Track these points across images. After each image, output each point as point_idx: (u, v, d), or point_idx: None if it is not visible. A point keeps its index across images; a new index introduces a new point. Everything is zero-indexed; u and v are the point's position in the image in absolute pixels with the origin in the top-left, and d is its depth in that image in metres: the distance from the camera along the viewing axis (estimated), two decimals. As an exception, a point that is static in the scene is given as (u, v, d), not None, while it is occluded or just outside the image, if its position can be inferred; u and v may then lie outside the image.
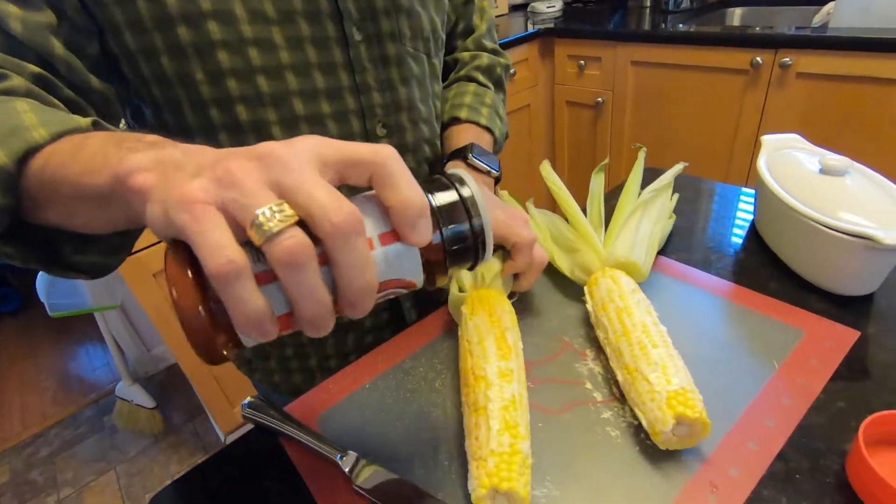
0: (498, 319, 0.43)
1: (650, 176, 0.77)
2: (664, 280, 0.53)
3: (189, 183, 0.21)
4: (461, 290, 0.50)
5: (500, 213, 0.47)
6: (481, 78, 0.66)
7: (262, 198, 0.21)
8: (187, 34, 0.41)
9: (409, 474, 0.38)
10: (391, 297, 0.27)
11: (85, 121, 0.31)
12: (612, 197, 0.72)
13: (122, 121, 0.49)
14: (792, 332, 0.45)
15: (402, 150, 0.55)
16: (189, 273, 0.22)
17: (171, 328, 1.28)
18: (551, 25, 1.78)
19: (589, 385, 0.43)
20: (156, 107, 0.45)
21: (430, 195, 0.27)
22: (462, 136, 0.59)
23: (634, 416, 0.39)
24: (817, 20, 1.37)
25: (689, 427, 0.35)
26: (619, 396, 0.41)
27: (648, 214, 0.54)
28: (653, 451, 0.37)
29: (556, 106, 1.94)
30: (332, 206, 0.21)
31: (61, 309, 1.39)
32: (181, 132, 0.46)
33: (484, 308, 0.45)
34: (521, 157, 1.95)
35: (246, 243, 0.21)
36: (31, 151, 0.28)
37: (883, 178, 0.49)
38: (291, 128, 0.47)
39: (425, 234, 0.25)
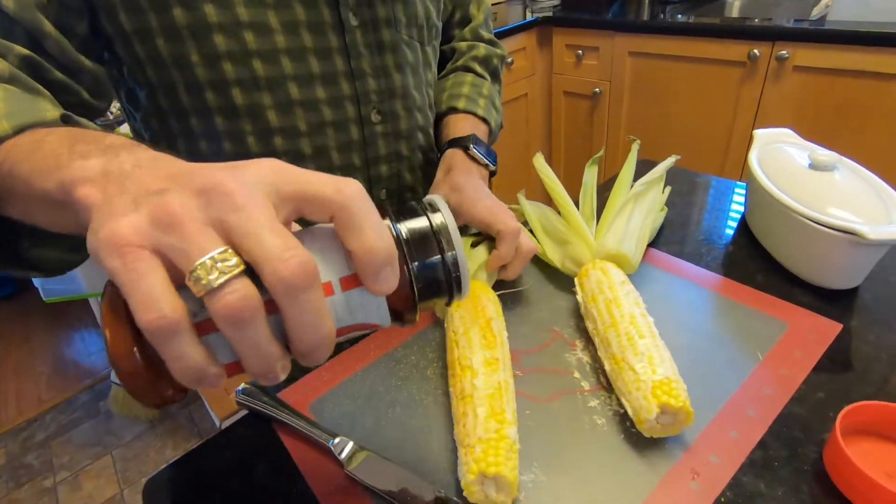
0: (482, 310, 0.44)
1: (644, 168, 0.77)
2: (654, 272, 0.54)
3: (122, 219, 0.19)
4: None
5: (487, 201, 0.47)
6: (478, 68, 0.66)
7: (203, 243, 0.19)
8: (183, 16, 0.40)
9: (400, 460, 0.38)
10: (356, 335, 0.25)
11: (53, 113, 0.29)
12: (605, 189, 0.72)
13: (116, 102, 0.49)
14: (777, 324, 0.46)
15: (397, 137, 0.56)
16: (124, 317, 0.19)
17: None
18: (550, 14, 1.77)
19: (577, 374, 0.44)
20: (150, 89, 0.44)
21: (397, 225, 0.25)
22: (460, 125, 0.59)
23: (620, 405, 0.40)
24: (815, 12, 1.36)
25: (673, 416, 0.36)
26: (606, 386, 0.42)
27: (640, 207, 0.55)
28: (637, 439, 0.38)
29: (554, 96, 1.93)
30: (282, 256, 0.19)
31: (56, 294, 1.39)
32: (176, 115, 0.46)
33: (468, 299, 0.45)
34: (517, 147, 1.94)
35: (183, 288, 0.19)
36: None
37: (871, 173, 0.50)
38: (286, 112, 0.47)
39: (390, 283, 0.22)
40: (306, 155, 0.50)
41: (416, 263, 0.24)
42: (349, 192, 0.21)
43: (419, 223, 0.25)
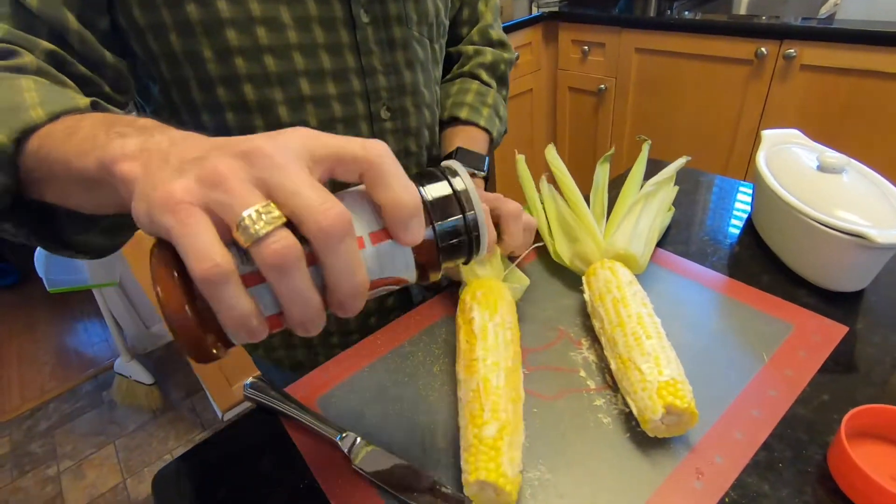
0: (467, 311, 0.44)
1: (651, 167, 0.77)
2: (659, 271, 0.54)
3: (172, 182, 0.20)
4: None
5: (483, 192, 0.48)
6: (484, 76, 0.65)
7: (249, 198, 0.20)
8: (196, 11, 0.41)
9: (406, 456, 0.39)
10: (383, 293, 0.27)
11: (84, 101, 0.30)
12: (613, 187, 0.72)
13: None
14: (782, 325, 0.46)
15: (406, 133, 0.56)
16: (175, 273, 0.21)
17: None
18: (556, 9, 1.76)
19: (583, 373, 0.44)
20: (163, 84, 0.45)
21: (421, 188, 0.26)
22: (457, 138, 0.59)
23: (626, 404, 0.40)
24: (824, 11, 1.35)
25: (678, 416, 0.36)
26: (612, 385, 0.43)
27: (649, 207, 0.55)
28: (642, 438, 0.38)
29: (559, 91, 1.93)
30: (321, 208, 0.20)
31: (60, 285, 1.40)
32: (188, 110, 0.46)
33: (461, 306, 0.46)
34: (522, 142, 1.94)
35: (233, 243, 0.21)
36: (29, 131, 0.28)
37: (880, 176, 0.50)
38: (297, 108, 0.47)
39: (417, 233, 0.24)
40: None
41: (440, 223, 0.26)
42: (377, 150, 0.23)
43: (441, 186, 0.27)
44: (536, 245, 0.56)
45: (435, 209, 0.26)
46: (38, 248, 1.35)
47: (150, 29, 0.41)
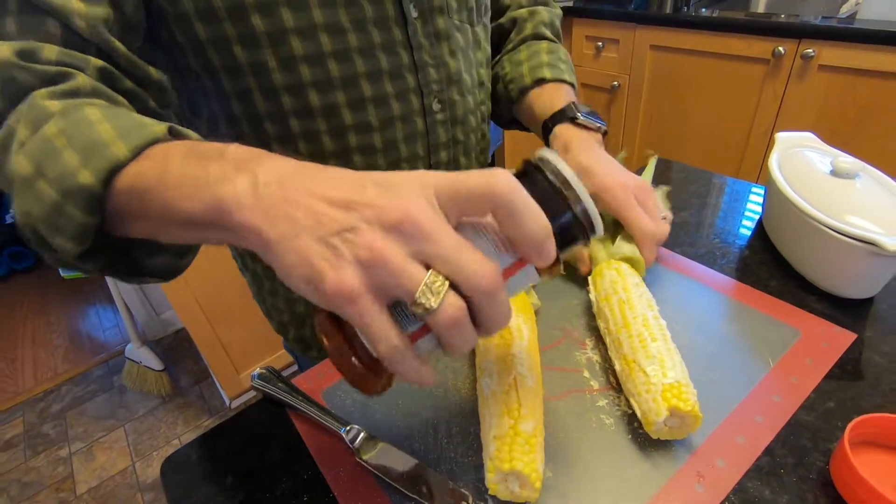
0: None
1: (662, 168, 0.77)
2: (667, 274, 0.54)
3: (338, 269, 0.22)
4: None
5: (619, 176, 0.49)
6: (548, 33, 0.65)
7: (415, 275, 0.22)
8: (261, 22, 0.41)
9: (409, 450, 0.39)
10: None
11: (160, 127, 0.29)
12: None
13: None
14: (789, 331, 0.46)
15: (454, 123, 0.56)
16: (341, 338, 0.25)
17: (179, 294, 1.31)
18: (570, 4, 1.74)
19: (587, 373, 0.44)
20: (223, 97, 0.45)
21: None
22: (555, 96, 0.58)
23: (629, 406, 0.40)
24: (844, 10, 1.33)
25: (682, 419, 0.36)
26: (616, 386, 0.43)
27: None
28: (644, 440, 0.38)
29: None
30: (478, 272, 0.23)
31: (73, 270, 1.42)
32: (249, 120, 0.47)
33: (514, 302, 0.46)
34: (533, 138, 1.93)
35: (394, 306, 0.24)
36: (116, 170, 0.27)
37: (894, 181, 0.49)
38: (359, 109, 0.48)
39: (551, 253, 0.26)
40: (377, 149, 0.51)
41: (552, 222, 0.26)
42: (504, 185, 0.24)
43: (545, 185, 0.27)
44: None
45: (544, 208, 0.26)
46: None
47: (211, 43, 0.41)
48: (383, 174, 0.25)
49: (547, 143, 0.58)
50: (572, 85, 0.61)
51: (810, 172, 0.52)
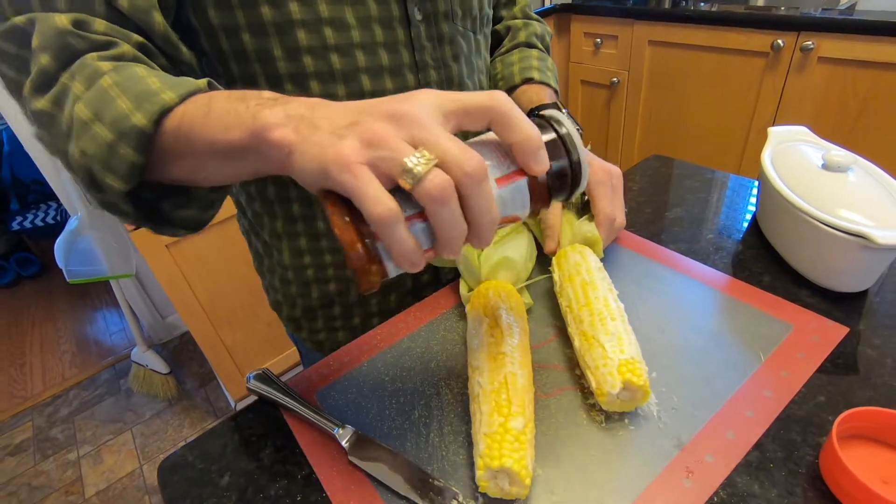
0: (493, 307, 0.44)
1: (659, 164, 0.77)
2: (662, 270, 0.54)
3: (341, 144, 0.25)
4: (470, 289, 0.52)
5: (595, 164, 0.52)
6: (539, 45, 0.69)
7: (406, 149, 0.25)
8: (269, 13, 0.43)
9: (401, 449, 0.40)
10: (498, 229, 0.31)
11: (201, 81, 0.33)
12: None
13: None
14: (781, 325, 0.46)
15: None
16: (346, 218, 0.26)
17: (184, 297, 1.32)
18: (569, 1, 1.74)
19: (578, 371, 0.44)
20: (230, 81, 0.47)
21: None
22: (541, 93, 0.62)
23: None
24: (844, 2, 1.32)
25: (632, 393, 0.38)
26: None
27: None
28: (634, 436, 0.38)
29: (570, 85, 1.91)
30: (464, 156, 0.25)
31: (79, 276, 1.44)
32: None
33: (480, 299, 0.46)
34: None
35: (393, 191, 0.25)
36: (165, 112, 0.31)
37: (886, 174, 0.49)
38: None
39: (545, 163, 0.28)
40: None
41: (551, 164, 0.30)
42: (500, 97, 0.27)
43: (548, 133, 0.31)
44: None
45: (547, 152, 0.29)
46: (58, 242, 1.40)
47: (223, 29, 0.43)
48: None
49: None
50: (556, 91, 0.65)
51: (803, 166, 0.52)
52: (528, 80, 0.63)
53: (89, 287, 2.31)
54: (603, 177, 0.52)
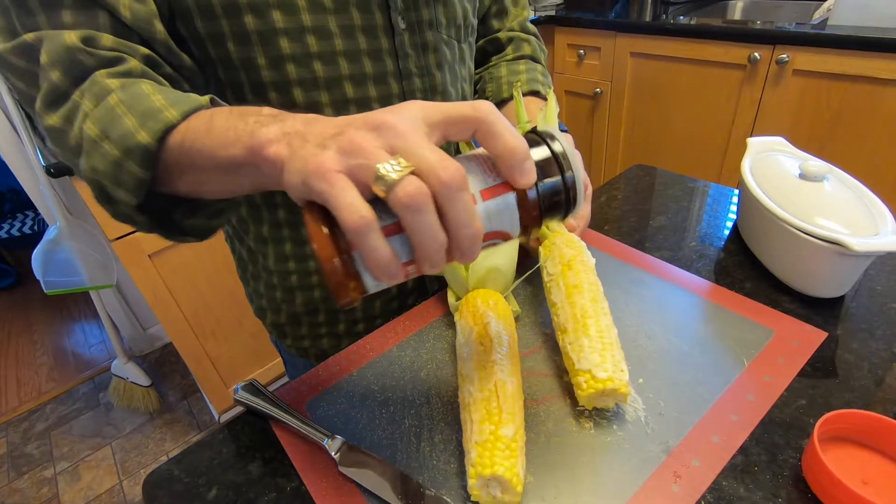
0: (481, 316, 0.45)
1: (642, 173, 0.78)
2: (645, 277, 0.55)
3: (321, 155, 0.25)
4: (458, 298, 0.52)
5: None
6: (543, 61, 0.71)
7: (381, 156, 0.24)
8: (253, 22, 0.43)
9: (391, 459, 0.40)
10: (489, 247, 0.30)
11: (204, 99, 0.34)
12: (601, 193, 0.74)
13: None
14: (763, 331, 0.47)
15: None
16: (324, 230, 0.25)
17: (166, 308, 1.30)
18: (552, 13, 1.77)
19: (566, 378, 0.45)
20: (219, 87, 0.47)
21: None
22: (530, 107, 0.63)
23: (607, 408, 0.41)
24: (817, 16, 1.37)
25: (611, 394, 0.39)
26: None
27: None
28: (622, 443, 0.39)
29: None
30: (441, 164, 0.24)
31: (57, 286, 1.40)
32: None
33: (469, 308, 0.47)
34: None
35: (371, 201, 0.25)
36: (168, 130, 0.32)
37: (860, 183, 0.51)
38: (341, 110, 0.50)
39: (531, 175, 0.27)
40: None
41: (542, 182, 0.29)
42: (485, 108, 0.27)
43: (541, 149, 0.29)
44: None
45: (538, 169, 0.28)
46: (36, 252, 1.36)
47: (209, 38, 0.43)
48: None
49: None
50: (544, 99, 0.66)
51: (780, 176, 0.53)
52: (534, 93, 0.64)
53: (68, 298, 2.26)
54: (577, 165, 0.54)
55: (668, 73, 1.58)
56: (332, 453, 0.39)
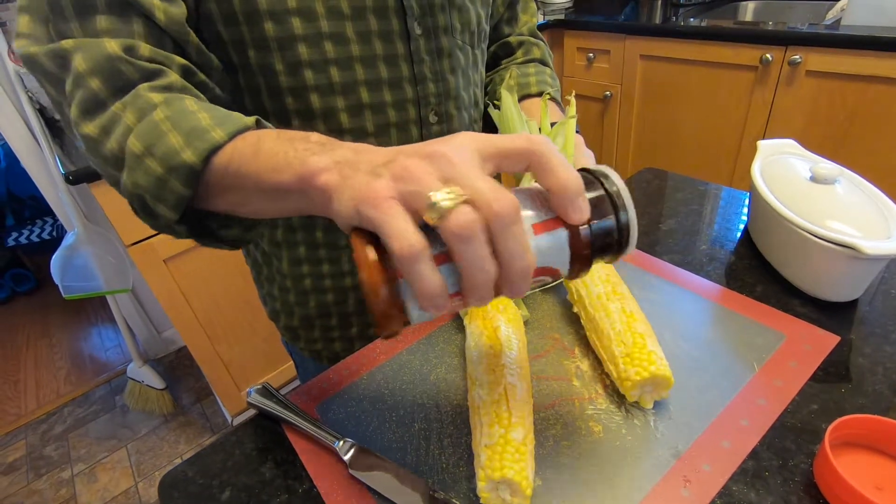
0: (491, 319, 0.45)
1: (652, 176, 0.78)
2: (655, 281, 0.55)
3: (374, 182, 0.25)
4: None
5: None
6: (551, 65, 0.72)
7: (435, 185, 0.24)
8: (272, 28, 0.44)
9: (401, 462, 0.40)
10: (537, 286, 0.29)
11: (250, 119, 0.35)
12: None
13: None
14: (774, 335, 0.46)
15: (448, 134, 0.58)
16: (372, 256, 0.25)
17: (180, 312, 1.32)
18: (562, 17, 1.77)
19: (576, 382, 0.45)
20: (237, 92, 0.48)
21: None
22: (552, 109, 0.64)
23: (616, 412, 0.41)
24: (830, 17, 1.35)
25: (656, 385, 0.41)
26: (604, 393, 0.43)
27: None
28: (631, 447, 0.39)
29: (564, 99, 1.93)
30: (494, 195, 0.24)
31: (75, 291, 1.43)
32: (257, 115, 0.50)
33: (478, 312, 0.47)
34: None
35: (422, 228, 0.24)
36: (214, 151, 0.33)
37: (872, 186, 0.50)
38: (357, 115, 0.51)
39: (584, 211, 0.27)
40: None
41: (595, 221, 0.28)
42: (539, 141, 0.26)
43: (595, 188, 0.29)
44: None
45: (592, 208, 0.28)
46: (55, 257, 1.39)
47: (231, 43, 0.44)
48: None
49: None
50: (556, 100, 0.68)
51: (791, 178, 0.53)
52: (528, 96, 0.65)
53: (85, 303, 2.30)
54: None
55: (679, 75, 1.57)
56: (343, 456, 0.40)
